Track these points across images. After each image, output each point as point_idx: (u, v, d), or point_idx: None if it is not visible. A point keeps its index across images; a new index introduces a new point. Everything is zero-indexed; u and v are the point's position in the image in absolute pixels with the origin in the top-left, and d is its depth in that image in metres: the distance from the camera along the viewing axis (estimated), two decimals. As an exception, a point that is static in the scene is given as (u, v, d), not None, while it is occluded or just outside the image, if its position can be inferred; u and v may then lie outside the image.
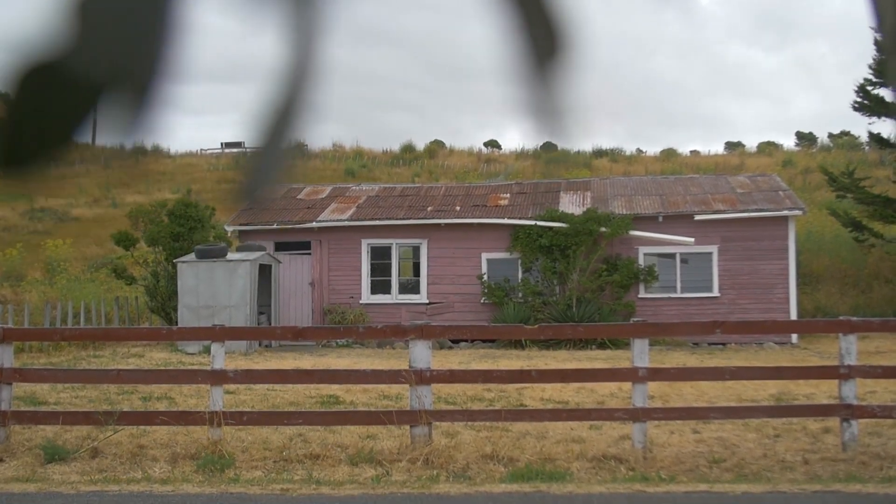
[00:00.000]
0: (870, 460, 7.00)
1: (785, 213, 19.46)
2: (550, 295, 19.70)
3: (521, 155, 58.54)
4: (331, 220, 20.91)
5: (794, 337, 18.95)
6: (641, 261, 19.87)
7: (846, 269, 25.21)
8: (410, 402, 7.54)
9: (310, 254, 20.94)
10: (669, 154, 56.91)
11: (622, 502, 5.87)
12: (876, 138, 25.33)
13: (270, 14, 0.58)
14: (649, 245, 19.77)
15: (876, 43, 22.26)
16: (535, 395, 11.03)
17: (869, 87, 23.60)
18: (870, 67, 23.75)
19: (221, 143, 62.38)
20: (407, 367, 7.66)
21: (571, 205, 20.87)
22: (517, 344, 18.45)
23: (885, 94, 23.43)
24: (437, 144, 63.62)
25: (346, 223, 20.82)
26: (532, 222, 19.79)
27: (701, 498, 5.95)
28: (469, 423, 8.20)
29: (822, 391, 10.70)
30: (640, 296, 19.70)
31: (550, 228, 19.52)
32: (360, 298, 20.68)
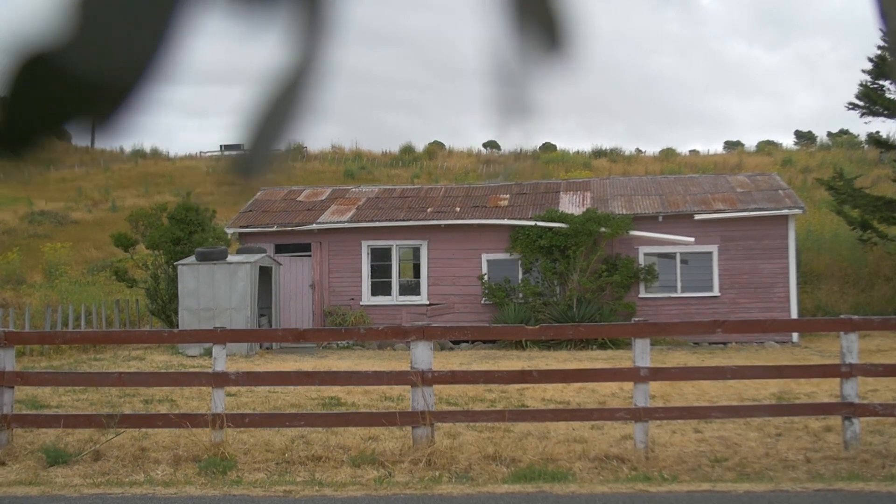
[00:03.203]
0: (872, 458, 7.00)
1: (785, 212, 19.47)
2: (551, 295, 19.70)
3: (520, 156, 58.54)
4: (331, 222, 20.91)
5: (795, 336, 18.95)
6: (641, 261, 19.88)
7: (846, 268, 25.21)
8: (412, 403, 7.54)
9: (310, 256, 20.94)
10: (668, 154, 56.95)
11: (625, 502, 5.87)
12: (875, 140, 25.36)
13: (276, 14, 0.59)
14: (649, 245, 19.78)
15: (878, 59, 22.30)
16: (537, 395, 11.03)
17: (872, 86, 23.58)
18: (868, 72, 23.76)
19: (221, 146, 62.41)
20: (409, 369, 7.66)
21: (571, 205, 20.88)
22: (518, 345, 18.46)
23: (885, 93, 23.45)
24: (437, 145, 63.66)
25: (346, 225, 20.82)
26: (532, 223, 19.79)
27: (703, 497, 5.96)
28: (471, 423, 8.20)
29: (823, 390, 10.70)
30: (640, 296, 19.71)
31: (550, 229, 19.53)
32: (361, 300, 20.68)
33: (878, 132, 25.61)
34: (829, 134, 61.27)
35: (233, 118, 0.63)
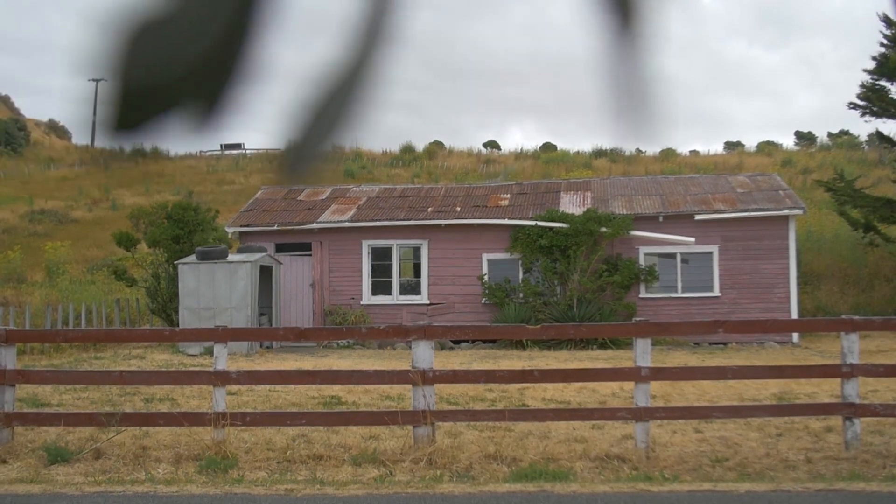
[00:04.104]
0: (873, 459, 7.00)
1: (785, 212, 19.47)
2: (551, 295, 19.70)
3: (520, 156, 58.58)
4: (331, 222, 20.91)
5: (795, 336, 18.96)
6: (642, 261, 19.88)
7: (847, 268, 25.22)
8: (413, 402, 7.54)
9: (310, 255, 20.95)
10: (668, 154, 56.88)
11: (626, 501, 5.87)
12: (879, 135, 25.33)
13: (337, 15, 0.58)
14: (650, 245, 19.78)
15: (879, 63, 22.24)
16: (537, 395, 11.03)
17: (875, 87, 23.54)
18: (869, 71, 23.72)
19: (221, 145, 62.36)
20: (410, 368, 7.66)
21: (572, 205, 20.88)
22: (518, 344, 18.46)
23: (887, 94, 23.42)
24: (437, 145, 63.63)
25: (347, 224, 20.82)
26: (532, 223, 19.79)
27: (704, 497, 5.96)
28: (472, 423, 8.21)
29: (824, 390, 10.70)
30: (640, 296, 19.71)
31: (551, 229, 19.53)
32: (361, 299, 20.68)
33: (877, 132, 25.58)
34: (830, 134, 61.24)
35: (234, 118, 0.62)
